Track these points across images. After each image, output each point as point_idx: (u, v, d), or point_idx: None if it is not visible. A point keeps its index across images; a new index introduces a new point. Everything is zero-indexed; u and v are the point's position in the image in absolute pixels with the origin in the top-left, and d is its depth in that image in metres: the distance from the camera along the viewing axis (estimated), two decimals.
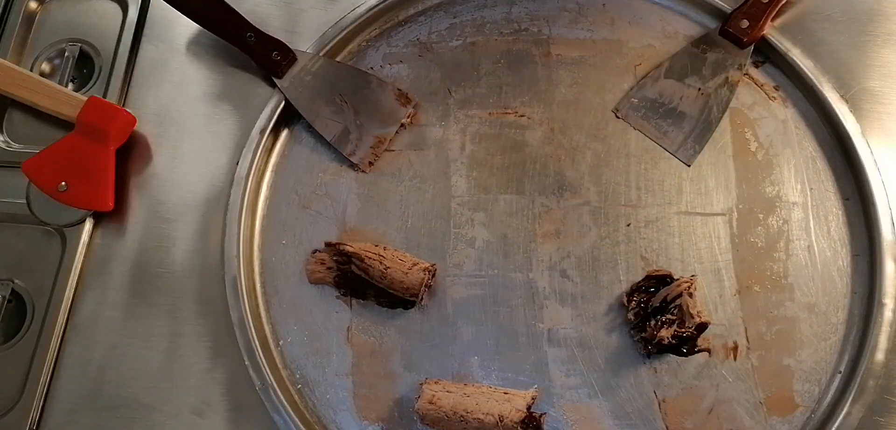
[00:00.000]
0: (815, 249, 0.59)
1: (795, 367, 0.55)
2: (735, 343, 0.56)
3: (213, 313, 0.59)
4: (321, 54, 0.67)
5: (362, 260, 0.57)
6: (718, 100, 0.64)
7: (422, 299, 0.58)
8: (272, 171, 0.65)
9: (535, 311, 0.58)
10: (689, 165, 0.62)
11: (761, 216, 0.60)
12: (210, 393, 0.56)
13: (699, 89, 0.64)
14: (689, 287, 0.55)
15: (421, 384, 0.54)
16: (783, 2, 0.66)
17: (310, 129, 0.65)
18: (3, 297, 0.60)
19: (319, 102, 0.65)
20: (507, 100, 0.66)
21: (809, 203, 0.60)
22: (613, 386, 0.55)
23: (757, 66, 0.66)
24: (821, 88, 0.63)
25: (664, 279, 0.57)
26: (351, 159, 0.64)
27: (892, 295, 0.56)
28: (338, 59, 0.68)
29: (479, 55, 0.68)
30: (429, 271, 0.57)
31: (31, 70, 0.70)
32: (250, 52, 0.66)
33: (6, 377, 0.58)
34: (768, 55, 0.66)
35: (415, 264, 0.57)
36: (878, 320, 0.55)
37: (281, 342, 0.58)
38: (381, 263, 0.57)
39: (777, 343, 0.56)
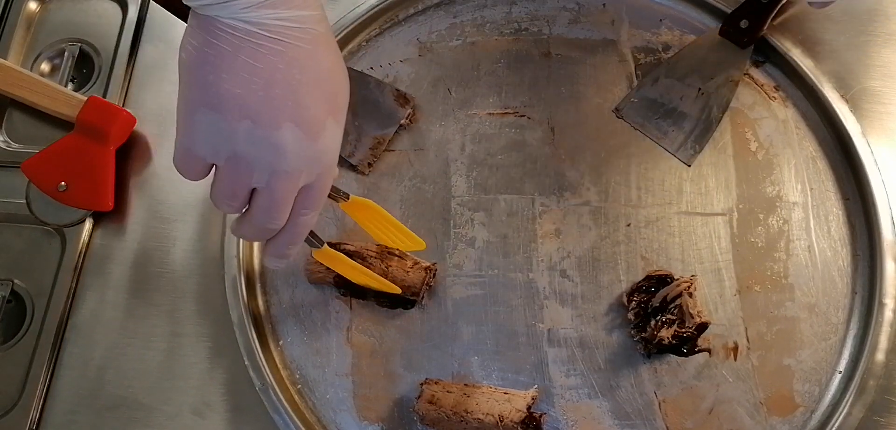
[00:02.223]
0: (816, 249, 0.59)
1: (795, 367, 0.55)
2: (735, 343, 0.56)
3: (213, 313, 0.59)
4: None
5: (364, 258, 0.57)
6: (718, 100, 0.64)
7: (422, 298, 0.58)
8: None
9: (535, 311, 0.58)
10: (689, 165, 0.62)
11: (761, 216, 0.60)
12: (210, 393, 0.56)
13: (699, 89, 0.64)
14: (688, 287, 0.55)
15: (421, 384, 0.54)
16: (783, 2, 0.66)
17: None
18: (3, 297, 0.60)
19: None
20: (507, 100, 0.66)
21: (810, 203, 0.60)
22: (613, 386, 0.55)
23: (757, 66, 0.66)
24: (821, 88, 0.63)
25: (664, 279, 0.57)
26: (350, 161, 0.64)
27: (893, 295, 0.56)
28: None
29: (479, 55, 0.68)
30: (430, 270, 0.57)
31: (31, 70, 0.70)
32: None
33: (6, 377, 0.58)
34: (768, 55, 0.66)
35: (416, 263, 0.57)
36: (878, 320, 0.55)
37: (281, 342, 0.58)
38: (382, 261, 0.57)
39: (777, 343, 0.56)
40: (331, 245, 0.59)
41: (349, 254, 0.57)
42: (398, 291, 0.57)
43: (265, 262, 0.60)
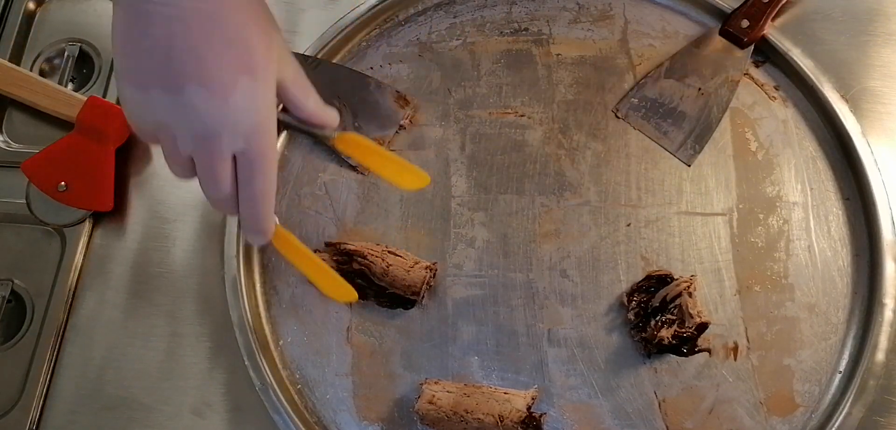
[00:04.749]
0: (816, 249, 0.59)
1: (796, 367, 0.55)
2: (735, 343, 0.56)
3: (213, 313, 0.59)
4: (320, 55, 0.67)
5: (364, 257, 0.57)
6: (718, 100, 0.64)
7: (423, 298, 0.58)
8: None
9: (535, 311, 0.58)
10: (689, 165, 0.62)
11: (761, 216, 0.60)
12: (210, 393, 0.56)
13: (699, 89, 0.64)
14: (688, 287, 0.55)
15: (421, 384, 0.54)
16: (783, 1, 0.66)
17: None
18: (3, 297, 0.60)
19: None
20: (507, 100, 0.66)
21: (810, 203, 0.60)
22: (613, 386, 0.55)
23: (757, 66, 0.66)
24: (821, 88, 0.63)
25: (664, 279, 0.57)
26: (350, 162, 0.63)
27: (893, 295, 0.56)
28: (337, 58, 0.68)
29: (479, 55, 0.68)
30: (430, 270, 0.57)
31: (31, 70, 0.70)
32: None
33: (6, 377, 0.58)
34: (768, 55, 0.66)
35: (416, 263, 0.57)
36: (878, 320, 0.55)
37: (281, 342, 0.58)
38: (383, 260, 0.57)
39: (777, 343, 0.56)
40: (330, 245, 0.59)
41: (349, 254, 0.57)
42: (354, 297, 0.54)
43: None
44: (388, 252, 0.57)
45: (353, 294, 0.55)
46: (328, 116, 0.49)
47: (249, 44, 0.43)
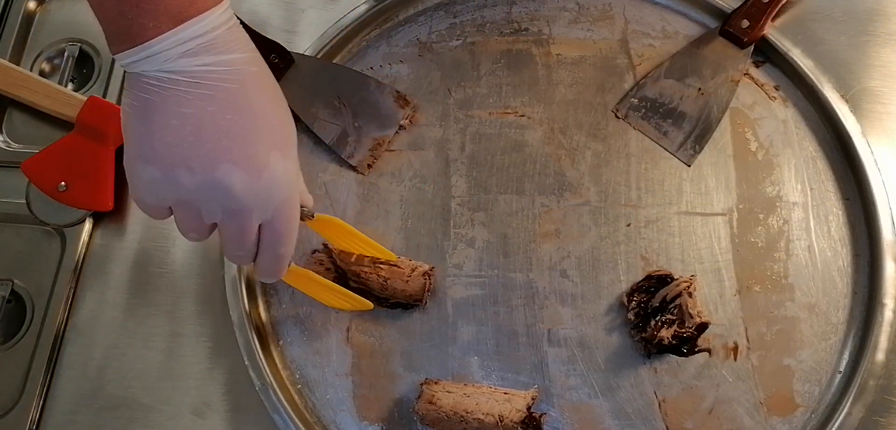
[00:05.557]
0: (816, 249, 0.59)
1: (796, 367, 0.55)
2: (735, 343, 0.56)
3: (213, 313, 0.59)
4: (320, 55, 0.67)
5: (359, 276, 0.56)
6: (718, 100, 0.64)
7: (426, 302, 0.58)
8: None
9: (535, 311, 0.58)
10: (689, 165, 0.62)
11: (761, 216, 0.60)
12: (210, 393, 0.56)
13: (699, 89, 0.64)
14: (688, 287, 0.55)
15: (421, 384, 0.54)
16: (783, 2, 0.66)
17: (309, 129, 0.65)
18: (3, 297, 0.60)
19: (318, 105, 0.65)
20: (507, 100, 0.66)
21: (810, 203, 0.60)
22: (613, 386, 0.55)
23: (757, 66, 0.66)
24: (821, 88, 0.63)
25: (664, 279, 0.57)
26: (350, 162, 0.63)
27: (893, 295, 0.56)
28: (337, 58, 0.68)
29: (479, 55, 0.68)
30: (428, 275, 0.57)
31: (31, 70, 0.70)
32: None
33: (6, 377, 0.58)
34: (768, 55, 0.66)
35: (414, 270, 0.57)
36: (878, 320, 0.55)
37: (281, 342, 0.58)
38: (378, 276, 0.56)
39: (777, 343, 0.56)
40: (326, 249, 0.59)
41: (345, 271, 0.57)
42: (371, 306, 0.57)
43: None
44: (378, 264, 0.57)
45: (368, 304, 0.56)
46: (308, 197, 0.50)
47: (275, 121, 0.44)
